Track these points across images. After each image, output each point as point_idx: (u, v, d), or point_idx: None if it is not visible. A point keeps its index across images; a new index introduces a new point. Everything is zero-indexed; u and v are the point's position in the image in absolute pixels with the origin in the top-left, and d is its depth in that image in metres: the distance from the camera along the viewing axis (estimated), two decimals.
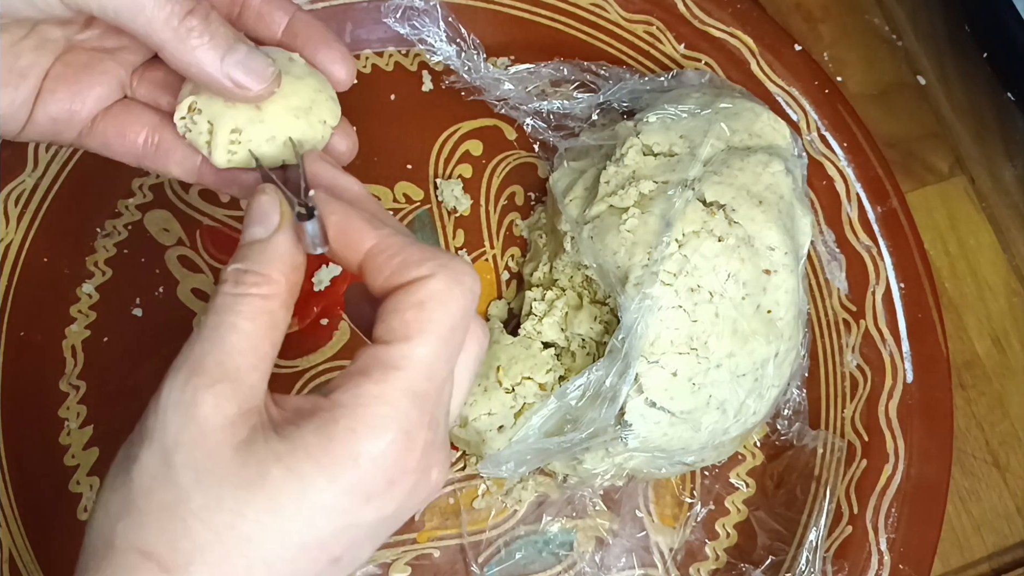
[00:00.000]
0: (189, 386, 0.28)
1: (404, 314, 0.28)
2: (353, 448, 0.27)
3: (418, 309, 0.28)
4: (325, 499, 0.27)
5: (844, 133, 0.53)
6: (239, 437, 0.27)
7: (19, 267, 0.50)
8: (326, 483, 0.27)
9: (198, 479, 0.27)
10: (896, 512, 0.47)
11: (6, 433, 0.48)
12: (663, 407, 0.42)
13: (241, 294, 0.29)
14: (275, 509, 0.27)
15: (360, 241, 0.30)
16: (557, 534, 0.48)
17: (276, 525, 0.27)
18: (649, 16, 0.55)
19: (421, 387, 0.28)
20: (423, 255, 0.29)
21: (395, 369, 0.28)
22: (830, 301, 0.51)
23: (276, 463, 0.27)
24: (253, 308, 0.29)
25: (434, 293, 0.29)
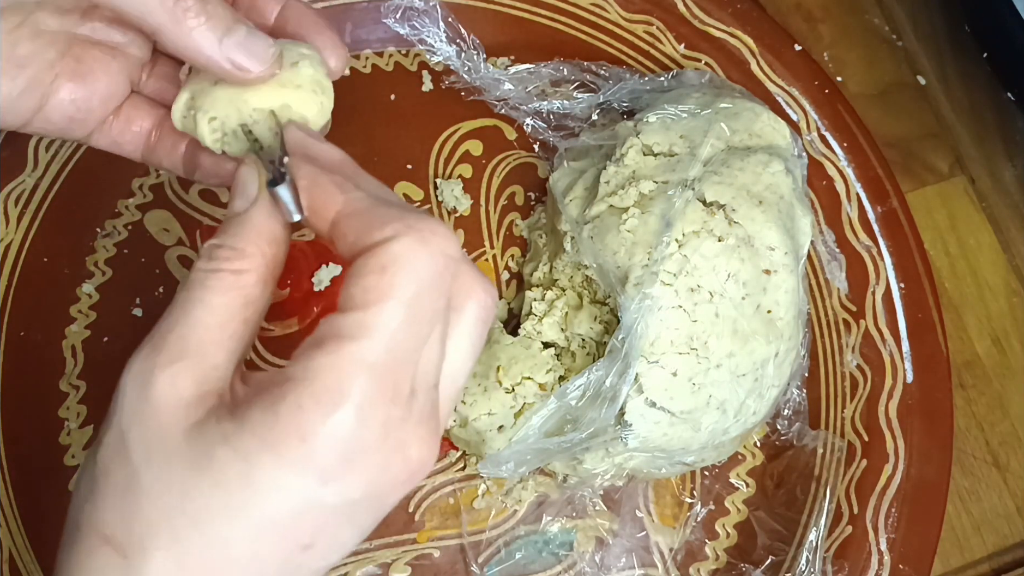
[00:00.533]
0: (147, 363, 0.27)
1: (363, 280, 0.26)
2: (299, 425, 0.25)
3: (379, 274, 0.26)
4: (273, 479, 0.25)
5: (844, 133, 0.53)
6: (193, 418, 0.26)
7: (19, 267, 0.50)
8: (272, 462, 0.25)
9: (148, 459, 0.26)
10: (896, 512, 0.47)
11: (6, 433, 0.48)
12: (663, 407, 0.42)
13: (212, 269, 0.28)
14: (222, 490, 0.25)
15: (327, 205, 0.28)
16: (557, 534, 0.48)
17: (224, 506, 0.25)
18: (649, 16, 0.55)
19: (380, 358, 0.26)
20: (388, 217, 0.27)
21: (349, 339, 0.26)
22: (830, 301, 0.51)
23: (223, 443, 0.26)
24: (224, 283, 0.28)
25: (396, 256, 0.26)
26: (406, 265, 0.26)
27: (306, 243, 0.51)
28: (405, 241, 0.27)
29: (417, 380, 0.27)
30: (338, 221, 0.28)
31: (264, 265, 0.29)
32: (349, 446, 0.26)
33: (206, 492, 0.25)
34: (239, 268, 0.28)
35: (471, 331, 0.29)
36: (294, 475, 0.25)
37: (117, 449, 0.27)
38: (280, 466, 0.25)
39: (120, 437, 0.27)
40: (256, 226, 0.29)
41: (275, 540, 0.26)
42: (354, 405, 0.26)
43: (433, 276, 0.27)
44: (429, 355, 0.28)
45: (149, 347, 0.27)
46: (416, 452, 0.27)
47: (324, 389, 0.25)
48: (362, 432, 0.26)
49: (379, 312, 0.26)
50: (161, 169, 0.39)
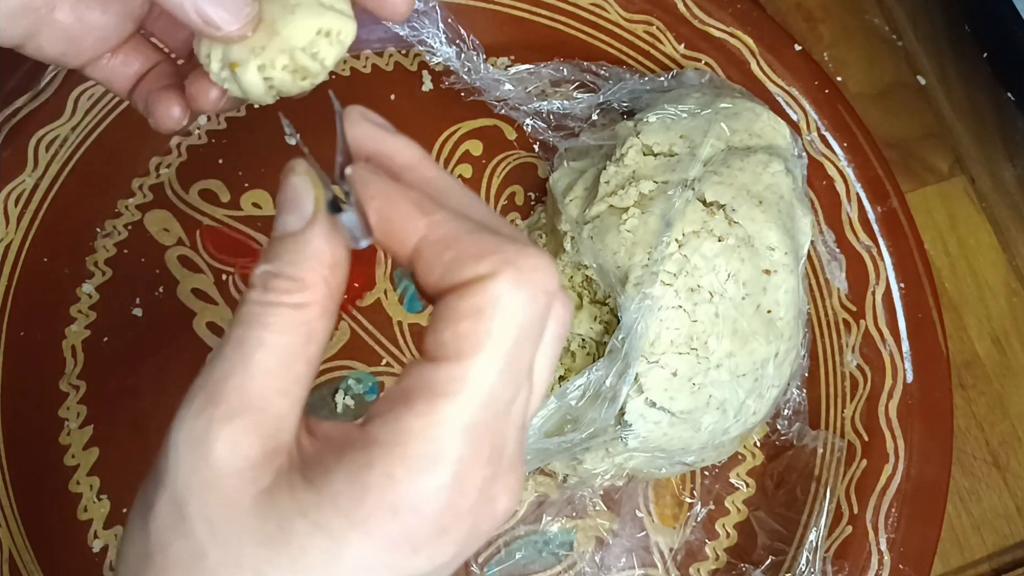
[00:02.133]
0: (202, 418, 0.23)
1: (457, 325, 0.23)
2: (391, 498, 0.22)
3: (474, 319, 0.23)
4: (361, 557, 0.23)
5: (844, 133, 0.53)
6: (261, 485, 0.23)
7: (19, 267, 0.50)
8: (361, 540, 0.22)
9: (214, 533, 0.23)
10: (896, 512, 0.47)
11: (6, 433, 0.48)
12: (663, 407, 0.42)
13: (271, 303, 0.24)
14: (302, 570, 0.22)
15: (407, 231, 0.24)
16: (557, 534, 0.48)
17: None
18: (649, 16, 0.55)
19: (477, 417, 0.23)
20: (482, 248, 0.24)
21: (443, 397, 0.23)
22: (830, 301, 0.51)
23: (301, 517, 0.23)
24: (285, 320, 0.24)
25: (495, 298, 0.23)
26: (506, 310, 0.23)
27: None
28: (503, 281, 0.23)
29: (509, 431, 0.25)
30: (421, 249, 0.24)
31: (327, 296, 0.25)
32: (444, 516, 0.23)
33: (284, 570, 0.23)
34: (300, 302, 0.24)
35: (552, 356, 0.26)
36: (385, 552, 0.23)
37: (174, 521, 0.23)
38: (370, 544, 0.23)
39: (176, 507, 0.23)
40: (316, 251, 0.25)
41: None
42: (451, 473, 0.23)
43: (533, 320, 0.24)
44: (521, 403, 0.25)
45: (203, 397, 0.24)
46: (504, 503, 0.25)
47: (417, 457, 0.23)
48: (458, 500, 0.23)
49: (477, 364, 0.23)
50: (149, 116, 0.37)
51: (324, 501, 0.23)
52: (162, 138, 0.53)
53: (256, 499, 0.23)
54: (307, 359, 0.25)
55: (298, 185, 0.26)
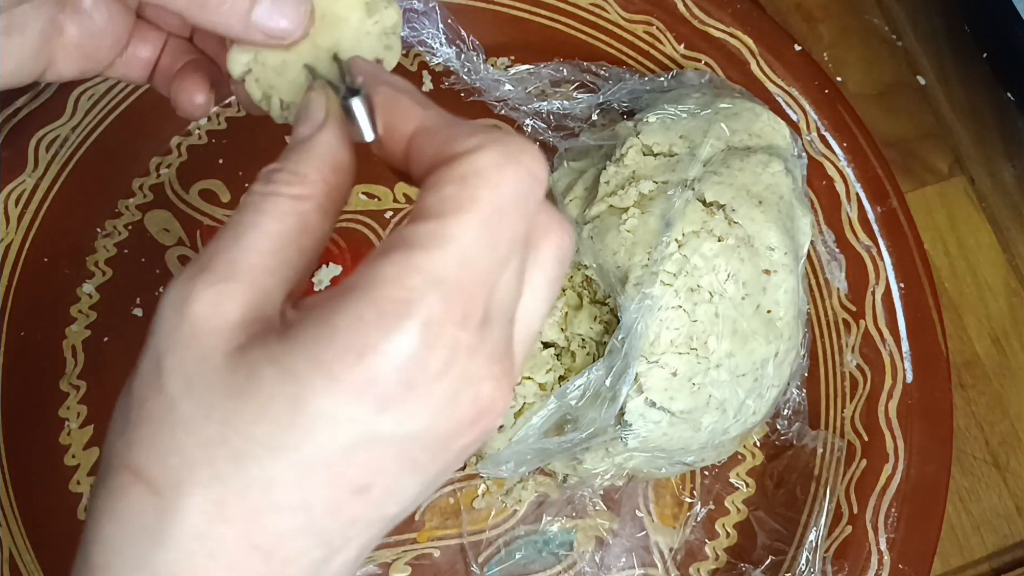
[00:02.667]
0: (190, 283, 0.24)
1: (441, 190, 0.24)
2: (357, 339, 0.22)
3: (458, 184, 0.24)
4: (326, 405, 0.22)
5: (844, 133, 0.53)
6: (236, 342, 0.24)
7: (19, 267, 0.50)
8: (325, 385, 0.22)
9: (186, 386, 0.23)
10: (896, 512, 0.47)
11: (6, 433, 0.48)
12: (663, 407, 0.42)
13: (270, 192, 0.25)
14: (267, 419, 0.22)
15: (405, 122, 0.26)
16: (557, 534, 0.48)
17: (270, 438, 0.22)
18: (649, 16, 0.55)
19: (450, 272, 0.23)
20: (473, 129, 0.25)
21: (420, 248, 0.23)
22: (830, 301, 0.51)
23: (269, 364, 0.23)
24: (281, 208, 0.25)
25: (480, 168, 0.24)
26: (490, 178, 0.24)
27: None
28: (491, 153, 0.24)
29: (492, 307, 0.24)
30: (417, 135, 0.26)
31: (326, 193, 0.26)
32: (412, 368, 0.23)
33: (250, 421, 0.23)
34: (299, 193, 0.25)
35: (549, 271, 0.27)
36: (348, 400, 0.22)
37: (152, 377, 0.24)
38: (333, 389, 0.22)
39: (156, 363, 0.24)
40: (322, 150, 0.26)
41: (326, 481, 0.23)
42: (421, 321, 0.22)
43: (518, 195, 0.24)
44: (506, 284, 0.25)
45: (194, 267, 0.24)
46: (488, 390, 0.24)
47: (388, 300, 0.22)
48: (427, 353, 0.23)
49: (455, 223, 0.23)
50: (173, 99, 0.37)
51: (294, 346, 0.23)
52: (162, 138, 0.54)
53: (229, 354, 0.23)
54: (300, 247, 0.25)
55: (313, 98, 0.27)
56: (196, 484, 0.23)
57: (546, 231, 0.26)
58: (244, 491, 0.23)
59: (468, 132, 0.25)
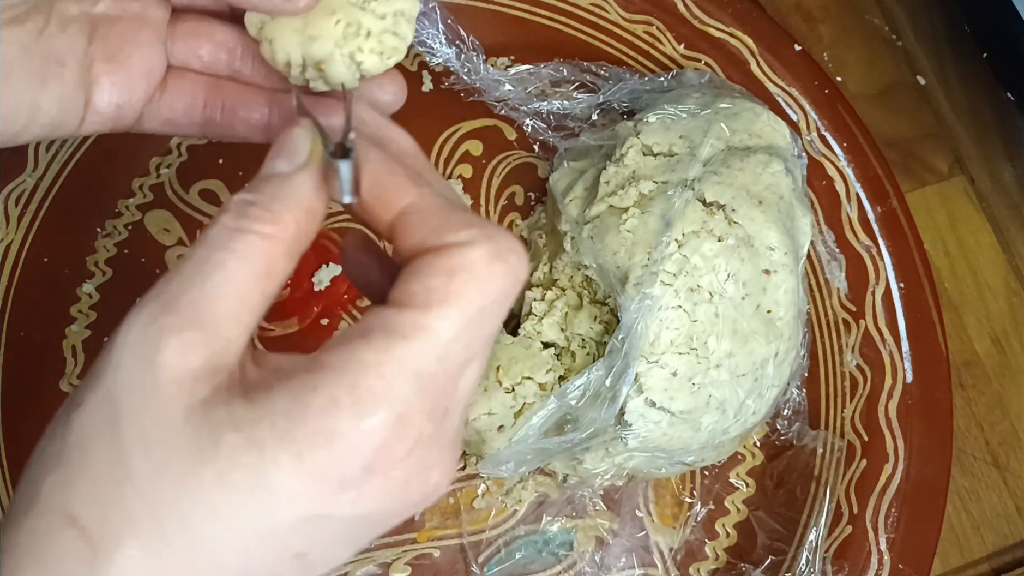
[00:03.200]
0: (154, 327, 0.23)
1: (429, 279, 0.24)
2: (330, 422, 0.22)
3: (447, 277, 0.24)
4: (288, 482, 0.22)
5: (844, 133, 0.53)
6: (198, 396, 0.23)
7: (19, 267, 0.50)
8: (291, 461, 0.22)
9: (142, 439, 0.22)
10: (896, 512, 0.47)
11: (6, 433, 0.48)
12: (663, 407, 0.42)
13: (240, 228, 0.24)
14: (226, 486, 0.22)
15: (397, 197, 0.25)
16: (557, 534, 0.48)
17: (225, 506, 0.22)
18: (649, 16, 0.55)
19: (429, 367, 0.23)
20: (466, 221, 0.25)
21: (402, 339, 0.23)
22: (830, 301, 0.51)
23: (233, 431, 0.22)
24: (250, 248, 0.24)
25: (470, 263, 0.24)
26: (478, 275, 0.24)
27: None
28: (481, 251, 0.24)
29: (455, 400, 0.25)
30: (407, 214, 0.25)
31: (295, 237, 0.25)
32: (377, 457, 0.23)
33: (207, 486, 0.22)
34: (270, 233, 0.25)
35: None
36: (311, 481, 0.22)
37: (103, 420, 0.23)
38: (299, 469, 0.22)
39: (109, 407, 0.23)
40: (299, 193, 0.25)
41: (272, 548, 0.23)
42: (394, 412, 0.23)
43: (500, 295, 0.24)
44: (470, 376, 0.25)
45: (157, 306, 0.24)
46: (437, 477, 0.25)
47: (366, 388, 0.22)
48: (393, 444, 0.23)
49: (439, 318, 0.23)
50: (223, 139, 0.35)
51: (261, 417, 0.22)
52: (162, 138, 0.53)
53: (191, 409, 0.23)
54: (263, 292, 0.25)
55: (297, 136, 0.27)
56: (136, 539, 0.22)
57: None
58: (189, 553, 0.22)
59: (461, 223, 0.24)
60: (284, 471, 0.22)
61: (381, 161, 0.26)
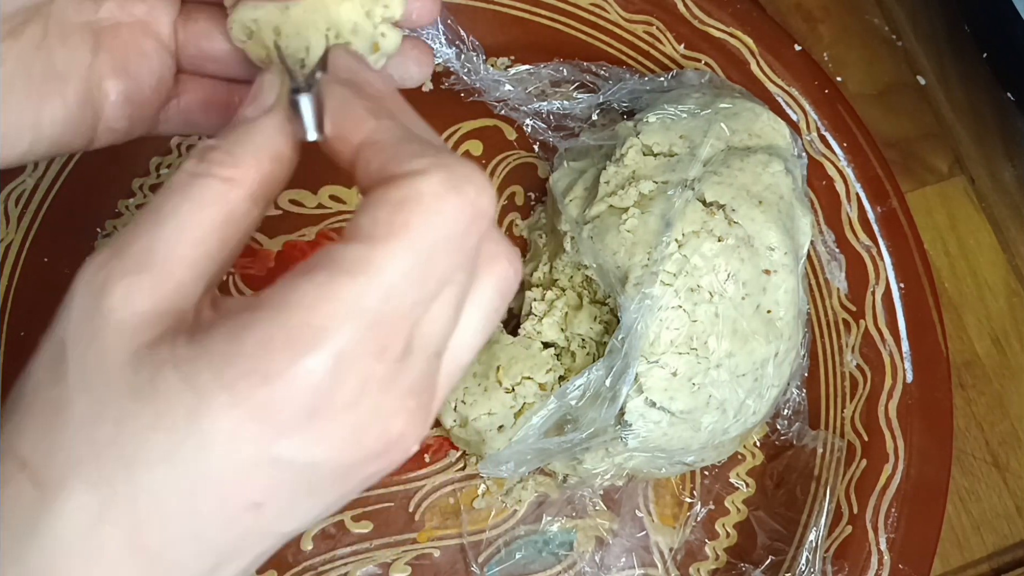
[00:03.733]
0: (103, 271, 0.23)
1: (375, 211, 0.22)
2: (264, 361, 0.21)
3: (394, 208, 0.22)
4: (224, 422, 0.21)
5: (844, 133, 0.53)
6: (143, 338, 0.22)
7: (19, 267, 0.50)
8: (226, 402, 0.21)
9: (85, 379, 0.22)
10: (896, 512, 0.47)
11: None
12: (663, 407, 0.42)
13: (199, 173, 0.24)
14: (163, 426, 0.22)
15: (355, 128, 0.24)
16: (557, 534, 0.48)
17: (163, 446, 0.22)
18: (649, 16, 0.55)
19: (371, 304, 0.22)
20: (420, 150, 0.23)
21: (343, 274, 0.22)
22: (830, 301, 0.51)
23: (172, 369, 0.22)
24: (208, 192, 0.24)
25: (419, 193, 0.22)
26: (428, 206, 0.22)
27: (306, 243, 0.51)
28: (432, 179, 0.23)
29: (415, 341, 0.23)
30: (364, 146, 0.24)
31: (258, 181, 0.25)
32: (317, 398, 0.22)
33: (144, 427, 0.22)
34: (229, 176, 0.24)
35: (487, 304, 0.26)
36: (248, 421, 0.22)
37: (52, 364, 0.23)
38: (234, 409, 0.21)
39: (58, 351, 0.23)
40: (262, 135, 0.25)
41: (218, 495, 0.22)
42: (333, 351, 0.22)
43: (456, 227, 0.23)
44: (436, 317, 0.24)
45: (108, 253, 0.24)
46: (399, 425, 0.23)
47: (301, 325, 0.21)
48: (334, 385, 0.22)
49: (383, 252, 0.22)
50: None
51: (199, 356, 0.22)
52: (162, 138, 0.53)
53: (134, 351, 0.22)
54: (221, 238, 0.24)
55: (266, 81, 0.26)
56: (81, 481, 0.22)
57: (489, 262, 0.25)
58: (131, 495, 0.22)
59: (415, 152, 0.23)
60: (220, 412, 0.21)
61: (342, 96, 0.25)
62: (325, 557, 0.46)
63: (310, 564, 0.46)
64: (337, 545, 0.47)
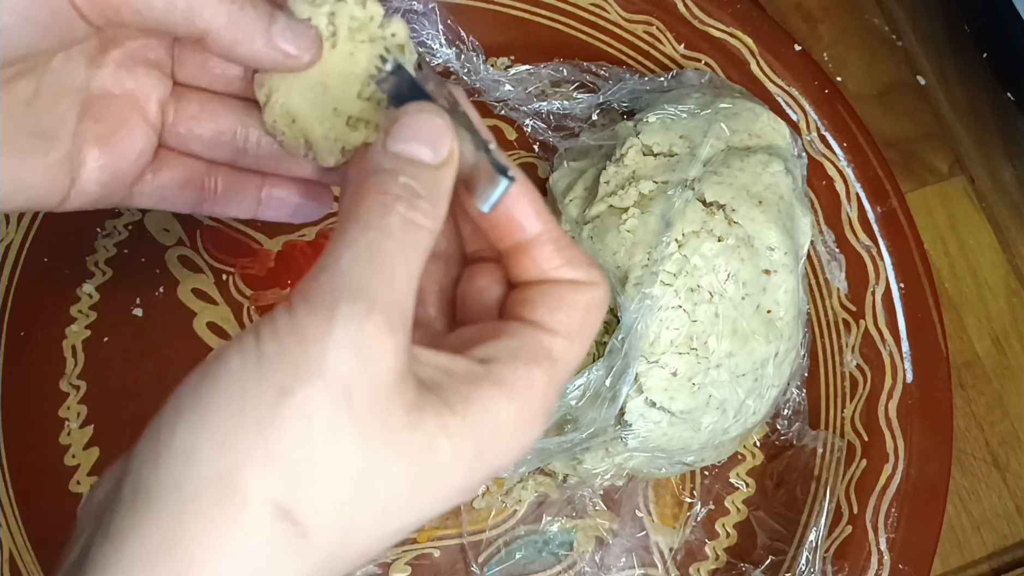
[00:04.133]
0: (369, 324, 0.23)
1: (572, 312, 0.28)
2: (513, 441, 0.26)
3: (585, 312, 0.28)
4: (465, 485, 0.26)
5: (844, 133, 0.53)
6: (408, 396, 0.24)
7: (19, 267, 0.50)
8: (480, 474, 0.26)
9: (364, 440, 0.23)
10: (896, 512, 0.47)
11: (6, 433, 0.48)
12: (663, 407, 0.42)
13: (415, 223, 0.25)
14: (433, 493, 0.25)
15: (527, 225, 0.28)
16: (557, 534, 0.48)
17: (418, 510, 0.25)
18: (649, 16, 0.55)
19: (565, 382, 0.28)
20: (588, 260, 0.29)
21: (558, 363, 0.27)
22: (830, 301, 0.51)
23: (446, 439, 0.24)
24: (422, 243, 0.25)
25: (598, 303, 0.28)
26: (599, 315, 0.29)
27: (306, 243, 0.51)
28: (603, 292, 0.29)
29: None
30: (537, 244, 0.28)
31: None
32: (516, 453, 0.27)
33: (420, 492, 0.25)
34: (431, 229, 0.26)
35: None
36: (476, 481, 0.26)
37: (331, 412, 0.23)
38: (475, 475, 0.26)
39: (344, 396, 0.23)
40: (448, 188, 0.27)
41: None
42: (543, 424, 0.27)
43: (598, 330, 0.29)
44: None
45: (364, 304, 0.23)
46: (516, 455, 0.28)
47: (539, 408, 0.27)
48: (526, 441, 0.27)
49: (580, 346, 0.28)
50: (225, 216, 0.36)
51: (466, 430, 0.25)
52: None
53: (407, 411, 0.24)
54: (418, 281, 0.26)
55: (440, 125, 0.27)
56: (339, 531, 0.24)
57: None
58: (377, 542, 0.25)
59: (586, 262, 0.29)
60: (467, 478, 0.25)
61: (524, 185, 0.28)
62: None
63: None
64: None
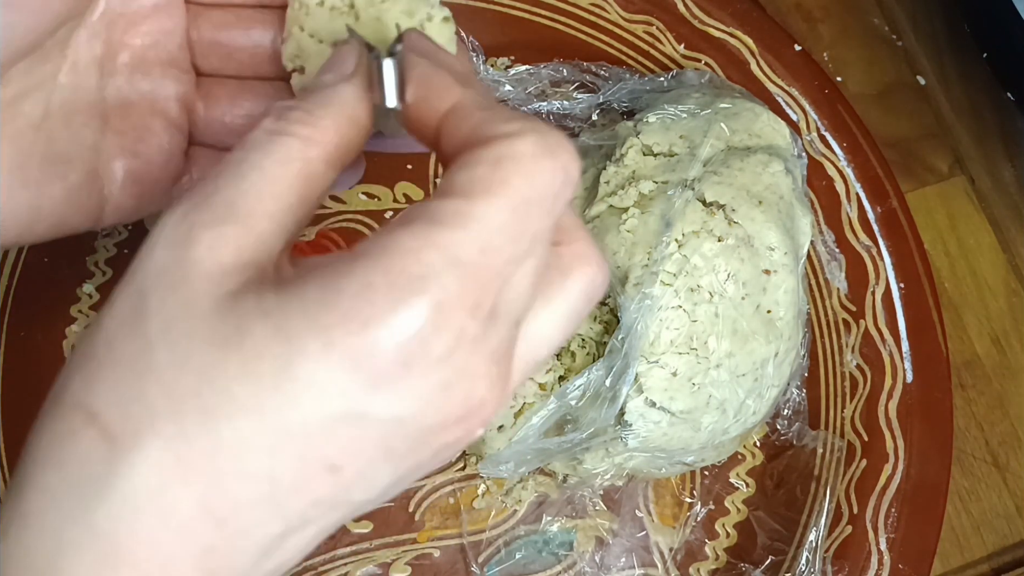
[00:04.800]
0: (186, 222, 0.23)
1: (473, 170, 0.23)
2: (363, 307, 0.21)
3: (491, 166, 0.22)
4: (316, 372, 0.21)
5: (844, 133, 0.53)
6: (226, 288, 0.22)
7: (19, 267, 0.50)
8: (320, 350, 0.21)
9: (166, 329, 0.22)
10: (896, 512, 0.47)
11: (6, 433, 0.48)
12: (663, 407, 0.42)
13: (277, 131, 0.24)
14: (250, 377, 0.21)
15: (443, 95, 0.25)
16: (557, 534, 0.48)
17: (250, 400, 0.21)
18: (649, 16, 0.55)
19: (470, 255, 0.22)
20: (514, 115, 0.24)
21: (442, 225, 0.22)
22: (830, 301, 0.51)
23: (261, 318, 0.21)
24: (287, 149, 0.24)
25: (516, 154, 0.23)
26: (525, 166, 0.23)
27: (305, 243, 0.51)
28: (529, 141, 0.23)
29: (501, 302, 0.23)
30: (453, 112, 0.24)
31: (336, 144, 0.25)
32: (415, 348, 0.21)
33: (230, 377, 0.21)
34: (308, 136, 0.24)
35: (572, 302, 0.25)
36: (342, 370, 0.21)
37: (131, 315, 0.22)
38: (329, 356, 0.21)
39: (138, 302, 0.22)
40: (342, 99, 0.25)
41: (298, 454, 0.21)
42: (433, 300, 0.21)
43: (549, 189, 0.23)
44: (518, 283, 0.24)
45: (188, 205, 0.23)
46: (482, 389, 0.23)
47: (401, 272, 0.21)
48: (433, 335, 0.21)
49: (483, 205, 0.22)
50: None
51: (291, 303, 0.21)
52: None
53: (219, 300, 0.22)
54: (300, 195, 0.24)
55: (344, 50, 0.26)
56: (157, 436, 0.21)
57: (580, 261, 0.25)
58: (210, 452, 0.21)
59: (508, 116, 0.23)
60: (313, 360, 0.21)
61: (427, 66, 0.25)
62: (325, 557, 0.46)
63: (310, 564, 0.46)
64: (337, 545, 0.47)
